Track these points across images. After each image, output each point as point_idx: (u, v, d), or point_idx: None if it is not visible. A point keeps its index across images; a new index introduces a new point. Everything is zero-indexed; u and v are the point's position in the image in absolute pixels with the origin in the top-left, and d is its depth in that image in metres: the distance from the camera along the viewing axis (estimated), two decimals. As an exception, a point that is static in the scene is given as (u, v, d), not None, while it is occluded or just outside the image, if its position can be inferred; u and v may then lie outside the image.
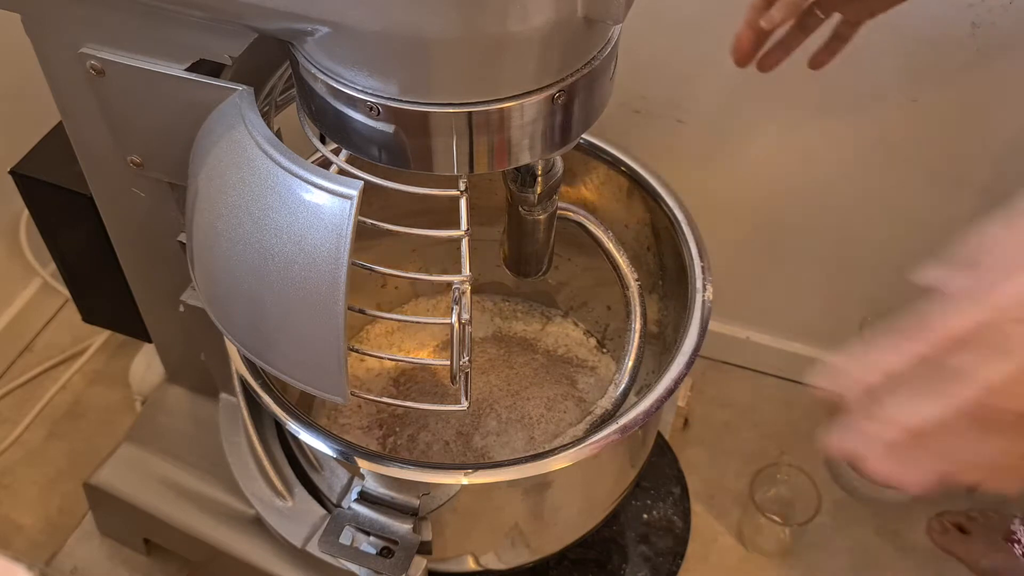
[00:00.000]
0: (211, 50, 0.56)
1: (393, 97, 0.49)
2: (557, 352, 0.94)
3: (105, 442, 1.09)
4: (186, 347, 0.86)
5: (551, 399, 0.88)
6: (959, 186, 0.93)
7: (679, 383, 0.66)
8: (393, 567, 0.64)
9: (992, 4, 0.78)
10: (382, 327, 0.95)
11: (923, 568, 1.03)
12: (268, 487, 0.79)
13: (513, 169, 0.63)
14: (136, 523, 0.93)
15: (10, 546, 1.03)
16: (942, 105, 0.87)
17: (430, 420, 0.87)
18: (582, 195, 0.84)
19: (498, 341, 0.95)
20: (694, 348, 0.68)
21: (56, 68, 0.63)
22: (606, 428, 0.63)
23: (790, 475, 1.03)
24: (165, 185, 0.68)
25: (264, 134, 0.52)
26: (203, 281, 0.59)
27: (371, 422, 0.87)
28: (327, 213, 0.49)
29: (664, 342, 0.80)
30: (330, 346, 0.52)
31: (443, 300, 0.99)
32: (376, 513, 0.66)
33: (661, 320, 0.63)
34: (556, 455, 0.62)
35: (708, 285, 0.71)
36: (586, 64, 0.51)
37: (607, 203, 0.82)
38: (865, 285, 1.06)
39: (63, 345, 1.21)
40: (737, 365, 1.20)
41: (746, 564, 1.03)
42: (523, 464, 0.62)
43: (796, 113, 0.93)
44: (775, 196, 1.02)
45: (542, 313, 0.98)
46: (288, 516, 0.78)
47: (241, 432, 0.82)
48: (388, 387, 0.91)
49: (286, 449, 0.80)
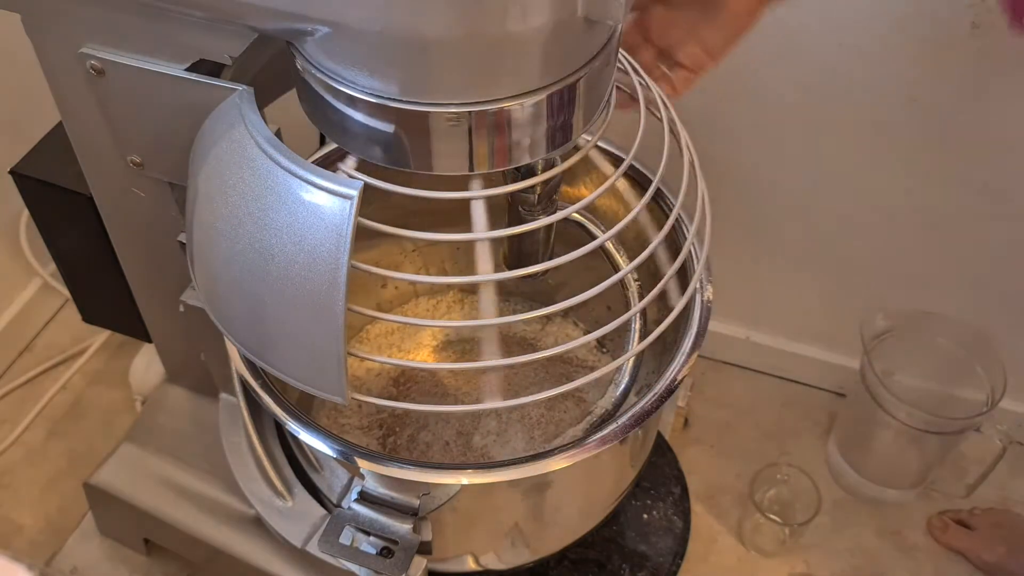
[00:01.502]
0: (211, 50, 0.56)
1: (393, 97, 0.49)
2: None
3: (105, 442, 1.09)
4: (186, 347, 0.86)
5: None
6: (959, 186, 0.93)
7: (679, 383, 0.66)
8: (393, 567, 0.64)
9: (992, 4, 0.78)
10: (382, 327, 0.95)
11: (923, 568, 1.03)
12: (268, 487, 0.79)
13: (513, 169, 0.62)
14: (136, 523, 0.93)
15: (10, 546, 1.03)
16: (942, 105, 0.87)
17: (430, 420, 0.87)
18: (582, 195, 0.84)
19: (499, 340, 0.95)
20: (694, 348, 0.67)
21: (56, 68, 0.63)
22: (606, 428, 0.63)
23: (790, 475, 1.03)
24: (165, 185, 0.68)
25: (264, 134, 0.52)
26: (203, 281, 0.59)
27: (371, 422, 0.87)
28: (327, 213, 0.49)
29: (664, 342, 0.80)
30: (329, 346, 0.52)
31: (443, 300, 0.99)
32: (376, 513, 0.66)
33: (661, 320, 0.63)
34: (556, 455, 0.62)
35: (708, 285, 0.71)
36: (586, 64, 0.51)
37: (607, 203, 0.82)
38: (865, 285, 1.06)
39: (63, 345, 1.21)
40: (737, 365, 1.20)
41: (746, 564, 1.03)
42: (523, 464, 0.62)
43: (796, 112, 0.93)
44: (775, 196, 1.02)
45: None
46: (288, 516, 0.78)
47: (241, 432, 0.82)
48: (388, 387, 0.91)
49: (286, 449, 0.80)
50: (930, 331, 1.02)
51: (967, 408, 0.98)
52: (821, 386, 1.18)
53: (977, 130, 0.88)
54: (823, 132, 0.94)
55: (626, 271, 0.59)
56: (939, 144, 0.90)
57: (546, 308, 0.55)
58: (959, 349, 1.01)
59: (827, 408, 1.17)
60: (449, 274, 0.95)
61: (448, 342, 0.95)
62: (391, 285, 0.95)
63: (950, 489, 1.06)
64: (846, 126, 0.93)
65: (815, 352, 1.16)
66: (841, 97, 0.90)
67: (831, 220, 1.02)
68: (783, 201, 1.02)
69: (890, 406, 0.97)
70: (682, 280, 0.71)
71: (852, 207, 0.99)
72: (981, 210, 0.94)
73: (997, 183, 0.91)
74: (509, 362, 0.56)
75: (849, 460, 1.08)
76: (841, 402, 1.16)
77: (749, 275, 1.08)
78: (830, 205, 1.00)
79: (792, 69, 0.90)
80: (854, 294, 1.07)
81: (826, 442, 1.12)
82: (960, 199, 0.94)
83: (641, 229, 0.81)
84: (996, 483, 1.06)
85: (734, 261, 0.96)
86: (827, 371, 1.16)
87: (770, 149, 0.97)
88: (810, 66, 0.89)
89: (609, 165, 0.79)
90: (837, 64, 0.88)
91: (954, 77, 0.85)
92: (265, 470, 0.78)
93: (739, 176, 1.00)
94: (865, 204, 0.98)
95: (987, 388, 0.99)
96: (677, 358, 0.67)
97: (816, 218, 1.02)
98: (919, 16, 0.82)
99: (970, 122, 0.88)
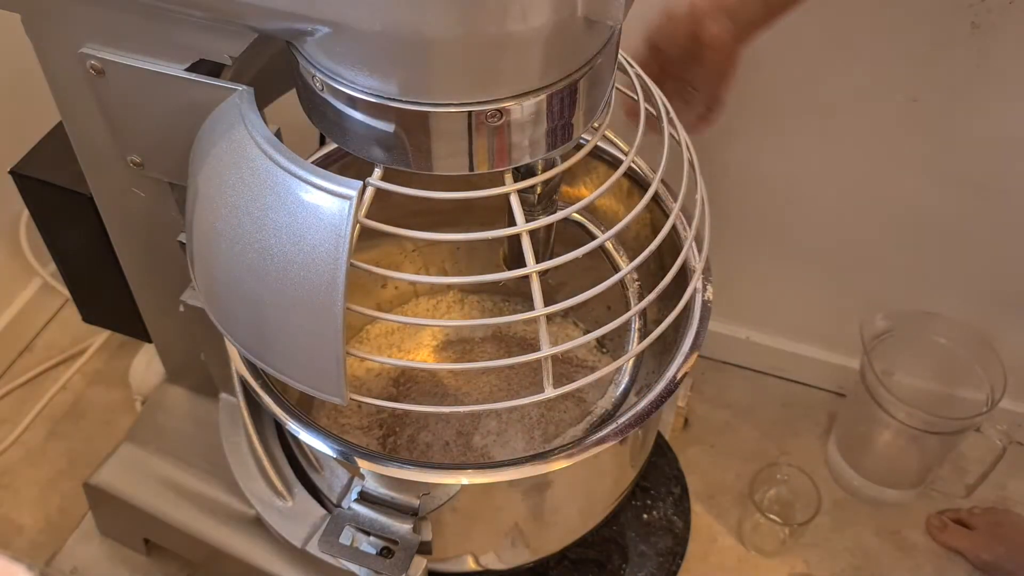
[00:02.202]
0: (211, 50, 0.56)
1: (393, 97, 0.49)
2: (556, 352, 0.94)
3: (105, 442, 1.09)
4: (186, 347, 0.86)
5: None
6: (959, 186, 0.93)
7: (679, 383, 0.66)
8: (393, 567, 0.63)
9: (992, 4, 0.78)
10: (382, 327, 0.95)
11: (923, 568, 1.03)
12: (268, 487, 0.79)
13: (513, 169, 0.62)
14: (136, 523, 0.93)
15: (10, 546, 1.03)
16: (942, 105, 0.87)
17: (430, 420, 0.87)
18: (582, 195, 0.84)
19: (497, 341, 0.95)
20: (693, 347, 0.67)
21: (56, 68, 0.63)
22: (606, 428, 0.63)
23: (790, 475, 1.03)
24: (165, 185, 0.68)
25: (264, 134, 0.52)
26: (203, 281, 0.59)
27: (371, 422, 0.87)
28: (326, 213, 0.49)
29: (664, 342, 0.80)
30: (328, 347, 0.52)
31: (443, 300, 0.99)
32: (376, 513, 0.66)
33: (661, 320, 0.63)
34: (556, 456, 0.62)
35: (708, 285, 0.71)
36: (586, 64, 0.51)
37: (607, 203, 0.82)
38: (865, 285, 1.06)
39: (63, 345, 1.21)
40: (737, 365, 1.21)
41: (746, 564, 1.03)
42: (523, 465, 0.62)
43: (796, 113, 0.93)
44: (775, 196, 1.02)
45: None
46: (288, 516, 0.78)
47: (241, 432, 0.82)
48: (388, 387, 0.91)
49: (286, 449, 0.80)
50: (930, 331, 1.02)
51: (967, 408, 0.98)
52: (821, 386, 1.18)
53: (977, 130, 0.88)
54: (823, 132, 0.94)
55: (626, 271, 0.59)
56: (939, 144, 0.90)
57: (546, 308, 0.55)
58: (959, 349, 1.01)
59: (827, 408, 1.17)
60: (449, 274, 0.95)
61: (448, 342, 0.95)
62: (391, 285, 0.95)
63: (950, 489, 1.06)
64: (846, 126, 0.93)
65: (815, 352, 1.16)
66: (841, 97, 0.90)
67: (831, 220, 1.02)
68: (783, 201, 1.02)
69: (890, 406, 0.97)
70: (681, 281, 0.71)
71: (852, 207, 0.99)
72: (981, 210, 0.94)
73: (997, 183, 0.91)
74: (509, 362, 0.56)
75: (849, 460, 1.08)
76: (841, 402, 1.16)
77: (749, 275, 1.08)
78: (830, 205, 1.00)
79: (792, 69, 0.90)
80: (854, 294, 1.07)
81: (826, 442, 1.12)
82: (960, 199, 0.94)
83: (641, 229, 0.81)
84: (996, 483, 1.06)
85: (734, 261, 0.96)
86: (827, 371, 1.16)
87: (770, 149, 0.97)
88: (810, 66, 0.89)
89: (609, 165, 0.80)
90: (837, 64, 0.88)
91: (954, 77, 0.85)
92: (265, 470, 0.78)
93: (739, 176, 1.00)
94: (865, 204, 0.98)
95: (987, 388, 0.99)
96: (677, 358, 0.67)
97: (816, 218, 1.02)
98: (919, 16, 0.82)
99: (970, 122, 0.88)
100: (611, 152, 0.79)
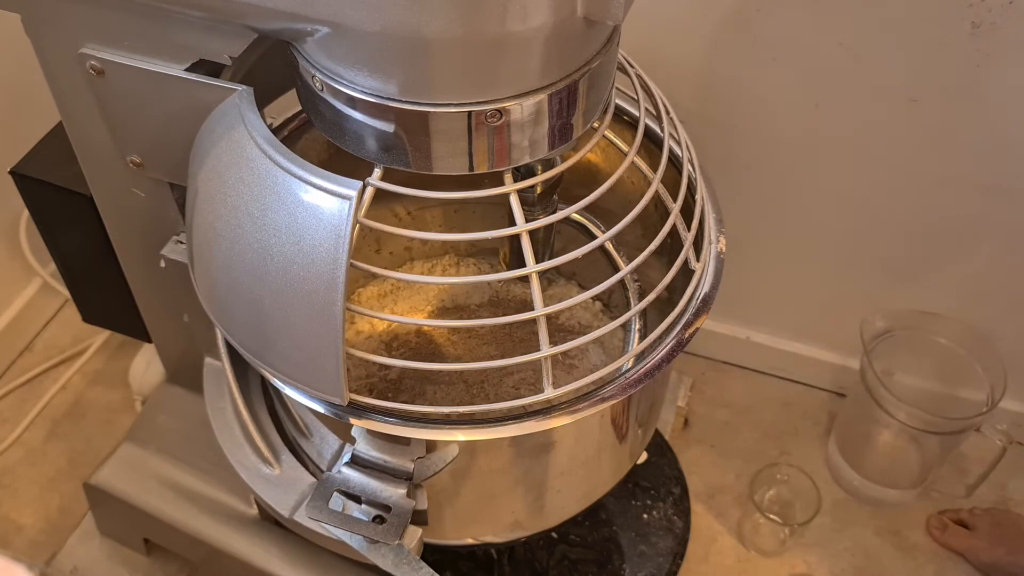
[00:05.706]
0: (211, 50, 0.56)
1: (392, 97, 0.49)
2: (559, 319, 0.90)
3: (105, 442, 1.10)
4: (186, 347, 0.86)
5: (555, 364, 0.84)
6: (959, 186, 0.93)
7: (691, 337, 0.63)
8: (386, 533, 0.60)
9: (992, 4, 0.78)
10: (374, 289, 0.92)
11: (923, 568, 1.03)
12: (254, 453, 0.75)
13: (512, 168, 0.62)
14: (136, 523, 0.93)
15: (10, 546, 1.03)
16: (942, 105, 0.87)
17: (427, 389, 0.85)
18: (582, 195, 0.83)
19: (495, 307, 0.92)
20: (707, 297, 0.65)
21: (56, 68, 0.63)
22: (612, 384, 0.61)
23: (790, 475, 1.03)
24: (165, 185, 0.68)
25: (263, 134, 0.52)
26: (202, 281, 0.59)
27: (360, 386, 0.84)
28: (326, 213, 0.49)
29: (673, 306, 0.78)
30: (328, 347, 0.52)
31: (438, 264, 0.96)
32: (368, 477, 0.62)
33: (671, 285, 0.61)
34: (559, 411, 0.59)
35: (721, 237, 0.69)
36: (586, 64, 0.51)
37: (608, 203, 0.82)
38: (865, 285, 1.06)
39: (63, 345, 1.21)
40: (737, 365, 1.21)
41: (746, 564, 1.03)
42: (524, 420, 0.59)
43: (796, 112, 0.93)
44: (775, 196, 1.02)
45: (544, 275, 0.91)
46: (276, 484, 0.73)
47: (226, 397, 0.78)
48: (380, 350, 0.88)
49: (274, 417, 0.77)
50: (930, 331, 1.02)
51: (967, 408, 0.98)
52: (821, 386, 1.18)
53: (977, 130, 0.88)
54: (823, 132, 0.94)
55: (626, 271, 0.59)
56: (939, 144, 0.90)
57: (546, 308, 0.55)
58: (959, 349, 1.01)
59: (827, 408, 1.17)
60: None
61: (444, 308, 0.93)
62: (385, 251, 0.93)
63: (950, 489, 1.06)
64: (846, 126, 0.93)
65: (815, 352, 1.16)
66: (841, 97, 0.90)
67: (831, 220, 1.02)
68: (783, 201, 1.02)
69: (890, 406, 0.97)
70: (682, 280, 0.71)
71: (852, 207, 0.99)
72: (981, 210, 0.94)
73: (997, 183, 0.91)
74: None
75: (849, 460, 1.08)
76: (841, 402, 1.16)
77: (749, 275, 1.08)
78: (830, 205, 1.00)
79: (792, 69, 0.90)
80: (854, 294, 1.07)
81: (826, 442, 1.12)
82: (960, 199, 0.94)
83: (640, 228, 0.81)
84: (996, 483, 1.06)
85: (734, 261, 0.95)
86: (827, 371, 1.16)
87: (770, 149, 0.97)
88: (810, 66, 0.89)
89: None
90: (837, 64, 0.88)
91: (954, 77, 0.85)
92: (251, 435, 0.75)
93: (738, 176, 1.00)
94: (865, 204, 0.98)
95: (987, 388, 0.99)
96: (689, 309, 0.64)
97: (816, 218, 1.02)
98: (919, 16, 0.82)
99: (970, 122, 0.88)
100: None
